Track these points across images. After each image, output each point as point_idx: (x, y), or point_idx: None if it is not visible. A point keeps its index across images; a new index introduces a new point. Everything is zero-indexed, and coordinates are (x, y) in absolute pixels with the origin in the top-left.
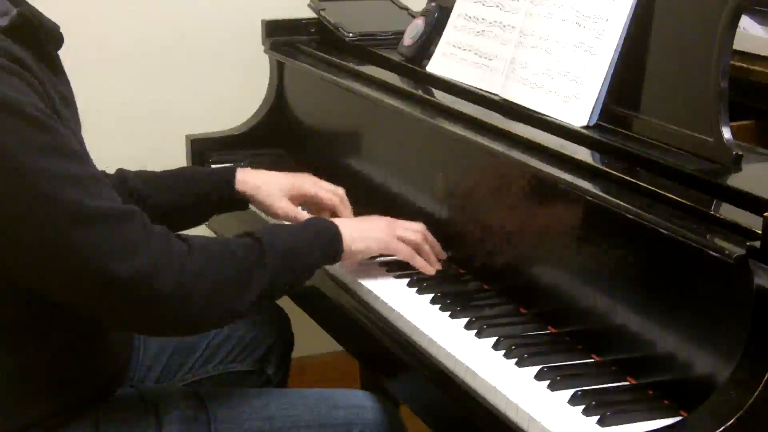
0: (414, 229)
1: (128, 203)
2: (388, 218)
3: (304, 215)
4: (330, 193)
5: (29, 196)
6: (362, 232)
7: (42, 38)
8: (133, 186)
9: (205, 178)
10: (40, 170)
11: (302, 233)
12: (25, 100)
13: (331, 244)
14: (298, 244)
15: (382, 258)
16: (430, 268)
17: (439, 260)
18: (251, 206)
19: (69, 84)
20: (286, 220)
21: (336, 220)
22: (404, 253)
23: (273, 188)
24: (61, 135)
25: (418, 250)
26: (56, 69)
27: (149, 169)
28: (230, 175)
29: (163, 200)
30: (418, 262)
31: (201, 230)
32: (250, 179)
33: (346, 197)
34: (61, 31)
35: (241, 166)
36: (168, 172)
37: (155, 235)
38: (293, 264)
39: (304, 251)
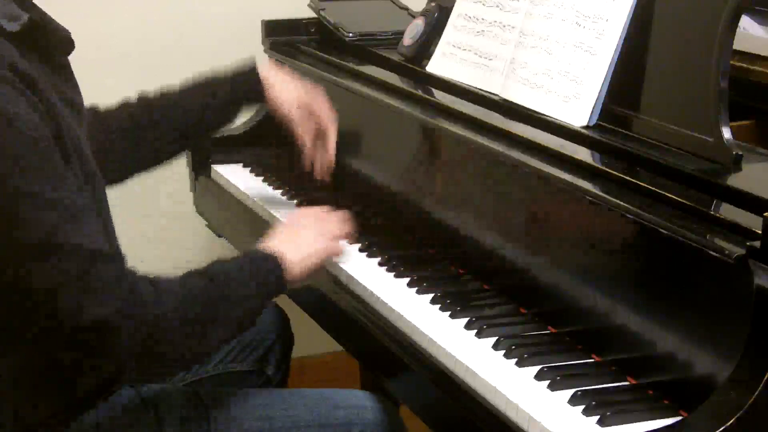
0: (344, 220)
1: (153, 120)
2: (317, 216)
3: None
4: (327, 116)
5: (5, 213)
6: (301, 252)
7: (52, 44)
8: (159, 103)
9: (230, 75)
10: (24, 189)
11: (248, 277)
12: (23, 118)
13: (275, 283)
14: (245, 289)
15: (382, 258)
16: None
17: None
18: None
19: (78, 89)
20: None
21: (275, 249)
22: (342, 253)
23: (286, 89)
24: (53, 160)
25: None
26: (65, 75)
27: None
28: (252, 67)
29: (194, 105)
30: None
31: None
32: (267, 74)
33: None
34: None
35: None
36: (189, 81)
37: (127, 283)
38: (241, 308)
39: (250, 295)
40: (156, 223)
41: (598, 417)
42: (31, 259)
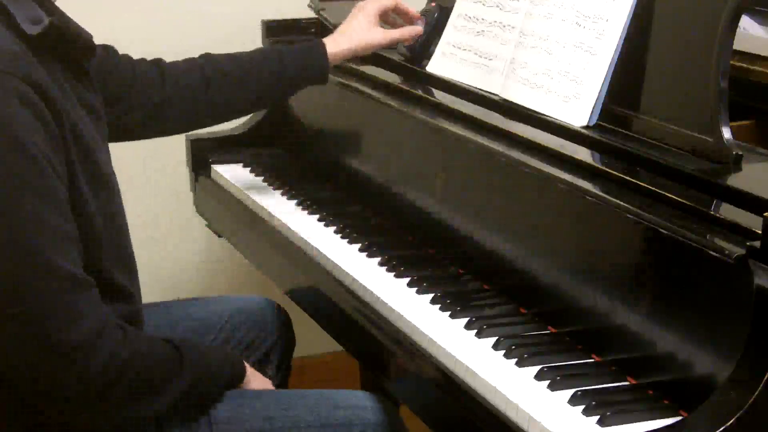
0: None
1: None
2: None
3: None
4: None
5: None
6: (258, 378)
7: (73, 49)
8: (230, 60)
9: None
10: (16, 205)
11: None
12: (29, 137)
13: (230, 377)
14: (208, 381)
15: (382, 258)
16: None
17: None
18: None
19: (98, 93)
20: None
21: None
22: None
23: (358, 28)
24: (50, 181)
25: None
26: (85, 79)
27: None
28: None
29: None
30: None
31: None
32: (337, 50)
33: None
34: None
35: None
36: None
37: (102, 315)
38: (200, 390)
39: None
40: (156, 223)
41: (598, 417)
42: (13, 269)
